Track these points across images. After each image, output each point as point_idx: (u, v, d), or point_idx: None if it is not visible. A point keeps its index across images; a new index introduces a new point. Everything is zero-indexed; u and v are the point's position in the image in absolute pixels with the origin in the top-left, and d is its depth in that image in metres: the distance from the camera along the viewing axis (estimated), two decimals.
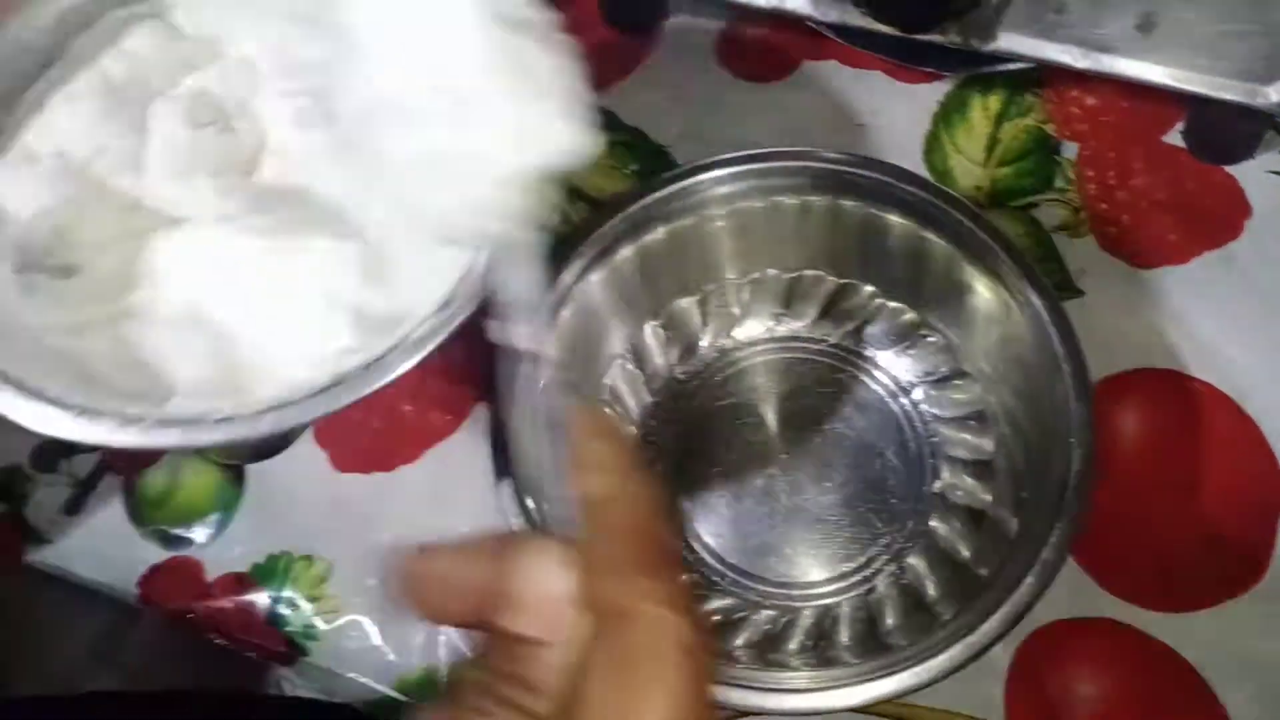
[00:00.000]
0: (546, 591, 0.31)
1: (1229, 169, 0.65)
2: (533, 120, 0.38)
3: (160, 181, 0.53)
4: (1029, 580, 0.49)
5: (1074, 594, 0.56)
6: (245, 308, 0.53)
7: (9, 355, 0.48)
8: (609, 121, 0.72)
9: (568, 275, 0.60)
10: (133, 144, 0.54)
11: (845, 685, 0.49)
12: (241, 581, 0.63)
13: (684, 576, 0.34)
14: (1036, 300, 0.55)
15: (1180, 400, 0.59)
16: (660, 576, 0.32)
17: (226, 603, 0.62)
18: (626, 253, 0.62)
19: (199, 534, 0.64)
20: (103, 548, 0.65)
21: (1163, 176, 0.65)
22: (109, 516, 0.66)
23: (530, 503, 0.54)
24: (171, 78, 0.56)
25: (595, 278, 0.61)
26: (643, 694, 0.30)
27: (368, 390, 0.47)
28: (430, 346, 0.48)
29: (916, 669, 0.49)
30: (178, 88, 0.55)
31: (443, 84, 0.40)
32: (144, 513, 0.65)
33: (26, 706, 0.62)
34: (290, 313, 0.53)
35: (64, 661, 0.73)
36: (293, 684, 0.69)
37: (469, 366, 0.65)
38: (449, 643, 0.59)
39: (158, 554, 0.64)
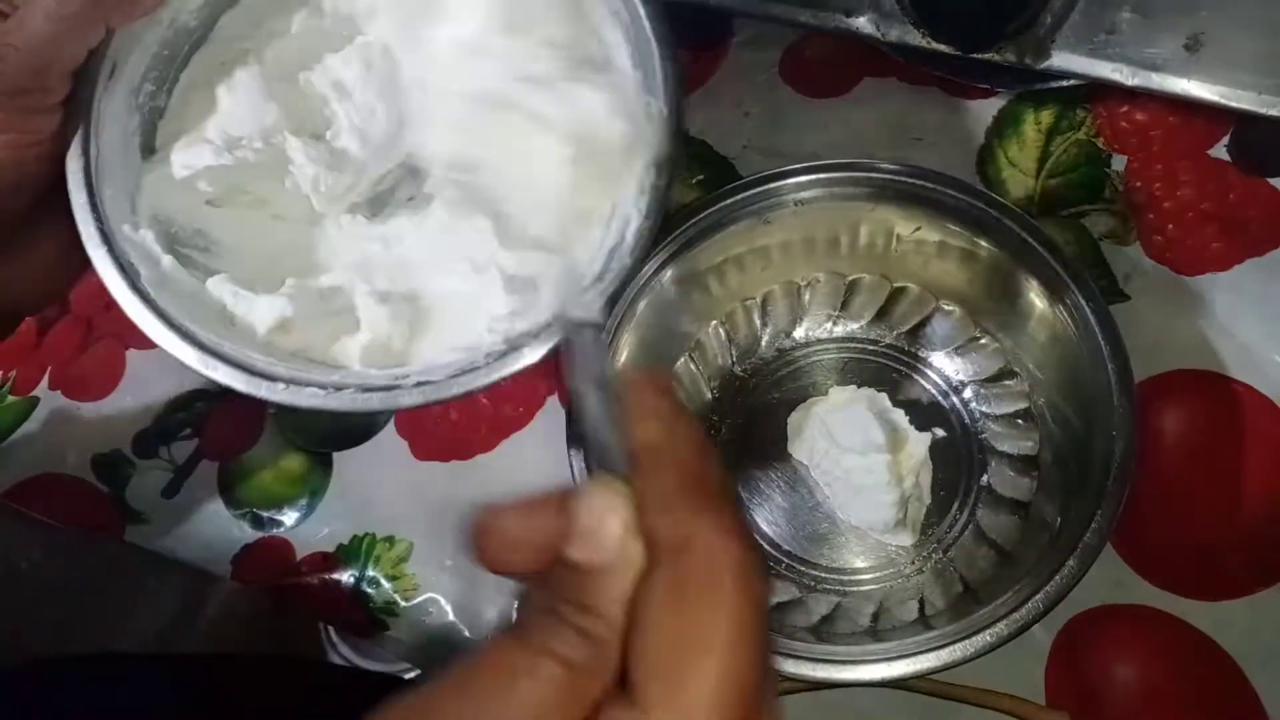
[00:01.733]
0: (606, 522, 0.33)
1: (1272, 181, 0.66)
2: None
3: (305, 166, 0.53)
4: (1069, 564, 0.52)
5: (1114, 583, 0.58)
6: (409, 280, 0.53)
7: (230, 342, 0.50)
8: None
9: (641, 278, 0.64)
10: (287, 120, 0.54)
11: (888, 659, 0.52)
12: (328, 560, 0.66)
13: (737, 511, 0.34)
14: (1084, 304, 0.58)
15: (1220, 400, 0.61)
16: (712, 509, 0.33)
17: (314, 580, 0.66)
18: (694, 258, 0.65)
19: (289, 516, 0.68)
20: (199, 528, 0.69)
21: (1208, 188, 0.67)
22: (204, 500, 0.70)
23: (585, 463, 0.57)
24: (316, 54, 0.55)
25: (665, 281, 0.65)
26: (701, 617, 0.31)
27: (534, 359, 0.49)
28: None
29: (958, 645, 0.52)
30: (323, 62, 0.55)
31: None
32: (237, 496, 0.69)
33: (118, 662, 0.67)
34: (449, 280, 0.53)
35: (151, 621, 0.77)
36: (338, 653, 0.73)
37: (542, 363, 0.68)
38: None
39: (250, 534, 0.68)
